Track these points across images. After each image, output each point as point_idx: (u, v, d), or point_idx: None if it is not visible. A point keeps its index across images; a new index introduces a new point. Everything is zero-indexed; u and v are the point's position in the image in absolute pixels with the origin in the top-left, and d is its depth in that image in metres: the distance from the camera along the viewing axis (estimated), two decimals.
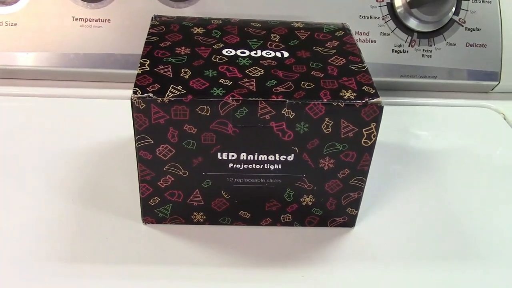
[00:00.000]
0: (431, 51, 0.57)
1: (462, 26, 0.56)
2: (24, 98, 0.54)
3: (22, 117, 0.51)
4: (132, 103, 0.34)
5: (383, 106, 0.35)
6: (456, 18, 0.56)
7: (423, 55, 0.57)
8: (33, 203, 0.42)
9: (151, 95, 0.34)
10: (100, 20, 0.54)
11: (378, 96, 0.36)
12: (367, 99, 0.35)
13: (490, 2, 0.56)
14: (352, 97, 0.35)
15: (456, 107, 0.58)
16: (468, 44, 0.57)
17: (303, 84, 0.36)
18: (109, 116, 0.52)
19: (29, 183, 0.43)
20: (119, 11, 0.54)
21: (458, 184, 0.47)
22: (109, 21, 0.54)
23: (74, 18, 0.53)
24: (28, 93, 0.54)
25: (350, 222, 0.41)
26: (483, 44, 0.57)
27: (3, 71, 0.54)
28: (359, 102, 0.35)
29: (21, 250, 0.38)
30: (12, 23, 0.53)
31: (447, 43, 0.57)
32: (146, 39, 0.40)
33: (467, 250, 0.40)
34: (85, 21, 0.53)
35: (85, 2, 0.53)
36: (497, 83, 0.58)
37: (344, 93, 0.36)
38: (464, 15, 0.56)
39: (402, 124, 0.54)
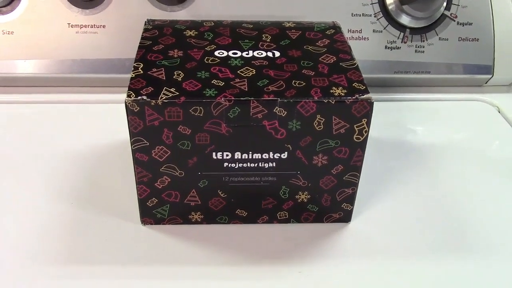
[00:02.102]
0: (424, 47, 0.57)
1: (454, 20, 0.57)
2: (22, 105, 0.54)
3: (21, 124, 0.52)
4: (126, 106, 0.35)
5: (373, 102, 0.36)
6: (447, 13, 0.57)
7: (416, 51, 0.57)
8: (32, 206, 0.42)
9: (145, 97, 0.35)
10: (95, 26, 0.54)
11: (368, 92, 0.36)
12: (357, 96, 0.36)
13: None
14: (343, 94, 0.36)
15: (450, 101, 0.58)
16: (460, 39, 0.57)
17: (294, 83, 0.37)
18: (107, 120, 0.53)
19: (28, 186, 0.44)
20: (113, 16, 0.54)
21: (453, 177, 0.47)
22: (104, 26, 0.54)
23: (70, 24, 0.54)
24: (26, 100, 0.55)
25: (345, 217, 0.42)
26: (475, 38, 0.57)
27: (1, 79, 0.55)
28: (349, 99, 0.36)
29: (21, 252, 0.38)
30: (8, 31, 0.54)
31: (440, 38, 0.57)
32: (140, 43, 0.41)
33: (463, 244, 0.41)
34: (81, 27, 0.54)
35: (80, 9, 0.54)
36: (490, 76, 0.58)
37: (335, 90, 0.36)
38: (455, 10, 0.57)
39: (397, 119, 0.55)
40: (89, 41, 0.54)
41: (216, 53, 0.40)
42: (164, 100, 0.35)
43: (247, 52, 0.40)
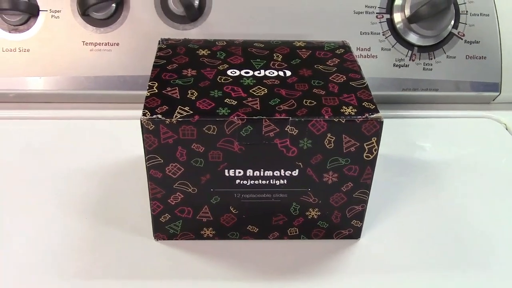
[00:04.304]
0: (431, 65, 0.58)
1: (462, 39, 0.58)
2: (37, 121, 0.55)
3: (36, 139, 0.53)
4: (141, 124, 0.36)
5: (383, 121, 0.36)
6: (455, 31, 0.58)
7: (424, 69, 0.58)
8: (47, 221, 0.43)
9: (159, 116, 0.36)
10: (109, 44, 0.56)
11: (378, 112, 0.37)
12: (367, 115, 0.36)
13: (488, 15, 0.58)
14: (353, 113, 0.37)
15: (458, 118, 0.59)
16: (468, 57, 0.58)
17: (305, 102, 0.38)
18: (120, 136, 0.53)
19: (42, 202, 0.45)
20: (127, 34, 0.56)
21: (462, 194, 0.48)
22: (118, 44, 0.56)
23: (84, 42, 0.55)
24: (41, 116, 0.56)
25: (355, 234, 0.42)
26: (482, 56, 0.58)
27: (17, 95, 0.56)
28: (359, 118, 0.36)
29: (36, 267, 0.39)
30: (25, 49, 0.55)
31: (447, 56, 0.58)
32: (154, 62, 0.42)
33: (473, 261, 0.41)
34: (95, 45, 0.55)
35: (94, 27, 0.55)
36: (498, 93, 0.59)
37: (345, 109, 0.37)
38: (463, 28, 0.58)
39: (405, 136, 0.55)
40: (103, 59, 0.56)
41: (228, 72, 0.41)
42: (179, 119, 0.36)
43: (259, 71, 0.41)
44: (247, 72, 0.41)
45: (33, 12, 0.55)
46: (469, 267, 0.40)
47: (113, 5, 0.55)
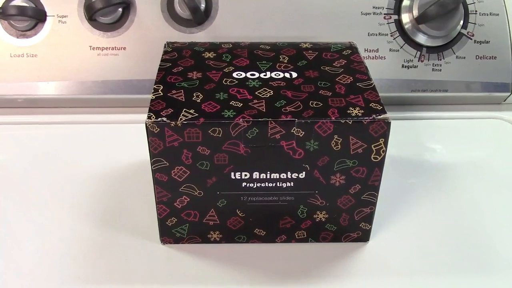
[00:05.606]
0: (441, 65, 0.57)
1: (471, 39, 0.57)
2: (45, 126, 0.55)
3: (44, 144, 0.53)
4: (146, 127, 0.36)
5: (390, 122, 0.36)
6: (464, 31, 0.57)
7: (433, 69, 0.57)
8: (54, 226, 0.43)
9: (164, 119, 0.36)
10: (116, 48, 0.56)
11: (385, 112, 0.36)
12: (374, 116, 0.36)
13: (498, 14, 0.57)
14: (360, 114, 0.36)
15: (468, 119, 0.58)
16: (477, 57, 0.57)
17: (312, 103, 0.37)
18: (127, 140, 0.53)
19: (50, 206, 0.45)
20: (134, 38, 0.56)
21: (472, 196, 0.47)
22: (124, 48, 0.56)
23: (91, 47, 0.55)
24: (49, 121, 0.56)
25: (364, 236, 0.42)
26: (492, 56, 0.57)
27: (26, 100, 0.57)
28: (366, 119, 0.36)
29: (42, 271, 0.39)
30: (32, 54, 0.55)
31: (457, 57, 0.57)
32: (159, 65, 0.42)
33: (483, 264, 0.40)
34: (102, 49, 0.56)
35: (101, 32, 0.55)
36: (509, 94, 0.58)
37: (352, 110, 0.37)
38: (472, 28, 0.57)
39: (415, 138, 0.55)
40: (110, 63, 0.56)
41: (234, 74, 0.41)
42: (184, 122, 0.35)
43: (264, 73, 0.41)
44: (253, 74, 0.41)
45: (40, 17, 0.55)
46: (480, 272, 0.40)
47: (120, 9, 0.55)
